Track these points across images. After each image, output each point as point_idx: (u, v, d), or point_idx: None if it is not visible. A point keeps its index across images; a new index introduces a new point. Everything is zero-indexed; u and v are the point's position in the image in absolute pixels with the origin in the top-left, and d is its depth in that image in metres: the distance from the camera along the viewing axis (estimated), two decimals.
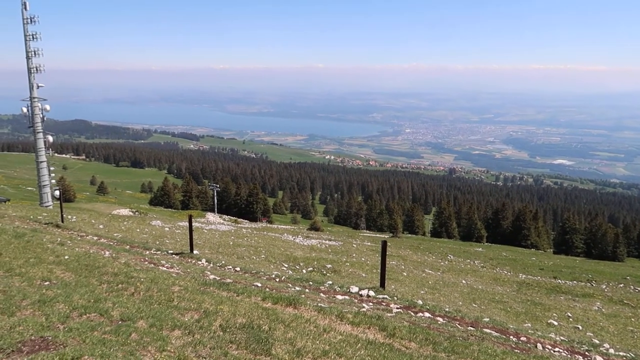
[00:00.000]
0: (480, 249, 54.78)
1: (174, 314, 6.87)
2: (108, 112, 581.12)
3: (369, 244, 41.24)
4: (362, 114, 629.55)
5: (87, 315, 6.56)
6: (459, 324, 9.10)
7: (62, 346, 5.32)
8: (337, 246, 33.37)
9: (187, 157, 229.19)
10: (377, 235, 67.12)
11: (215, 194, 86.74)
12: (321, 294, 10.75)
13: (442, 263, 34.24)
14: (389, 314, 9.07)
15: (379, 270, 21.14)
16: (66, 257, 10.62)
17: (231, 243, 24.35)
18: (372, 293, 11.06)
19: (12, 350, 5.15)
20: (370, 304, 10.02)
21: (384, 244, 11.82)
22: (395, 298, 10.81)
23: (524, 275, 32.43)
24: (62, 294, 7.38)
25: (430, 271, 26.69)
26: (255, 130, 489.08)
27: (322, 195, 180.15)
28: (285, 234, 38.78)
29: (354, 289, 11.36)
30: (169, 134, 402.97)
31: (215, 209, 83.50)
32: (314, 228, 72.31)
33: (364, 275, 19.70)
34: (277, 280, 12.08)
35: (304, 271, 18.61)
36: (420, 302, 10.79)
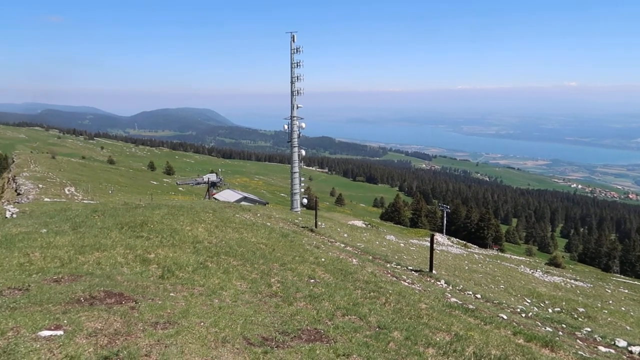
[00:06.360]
0: None
1: (425, 331, 6.94)
2: (349, 130, 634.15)
3: (626, 291, 34.93)
4: (622, 138, 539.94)
5: (349, 316, 7.14)
6: None
7: (332, 341, 5.88)
8: (585, 288, 29.22)
9: (419, 176, 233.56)
10: (636, 282, 56.43)
11: (445, 215, 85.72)
12: (578, 341, 9.53)
13: None
14: None
15: None
16: (322, 259, 11.81)
17: (466, 268, 23.63)
18: None
19: (294, 336, 5.92)
20: None
21: None
22: None
23: None
24: (326, 293, 8.22)
25: None
26: (490, 153, 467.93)
27: (564, 228, 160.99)
28: (522, 266, 35.80)
29: (622, 343, 9.72)
30: (403, 152, 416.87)
31: (444, 230, 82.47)
32: (554, 264, 65.25)
33: (628, 328, 16.68)
34: (523, 315, 11.23)
35: (550, 310, 16.76)
36: None
